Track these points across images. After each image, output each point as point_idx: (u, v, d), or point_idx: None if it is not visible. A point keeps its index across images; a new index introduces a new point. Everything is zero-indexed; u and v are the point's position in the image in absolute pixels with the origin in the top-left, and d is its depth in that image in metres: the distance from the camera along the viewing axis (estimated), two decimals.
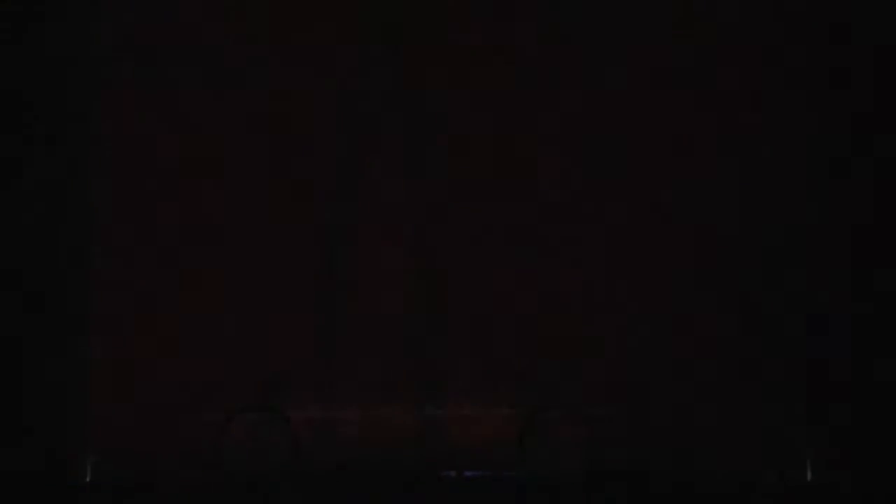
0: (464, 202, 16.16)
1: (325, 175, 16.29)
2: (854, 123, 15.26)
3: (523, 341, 15.57)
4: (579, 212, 16.16)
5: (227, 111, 16.33)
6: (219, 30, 16.49)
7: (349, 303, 16.20)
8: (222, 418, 15.02)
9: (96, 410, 16.96)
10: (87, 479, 16.45)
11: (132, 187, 16.84)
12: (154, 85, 16.97)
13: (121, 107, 16.89)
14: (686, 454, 15.61)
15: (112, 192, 16.77)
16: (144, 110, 16.70)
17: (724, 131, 15.98)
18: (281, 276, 16.22)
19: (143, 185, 16.85)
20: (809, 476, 14.80)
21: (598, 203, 16.13)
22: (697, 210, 15.95)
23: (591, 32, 16.29)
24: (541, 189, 16.22)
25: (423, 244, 16.08)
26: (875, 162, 15.09)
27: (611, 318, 15.75)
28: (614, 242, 16.06)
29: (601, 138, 16.21)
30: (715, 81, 16.05)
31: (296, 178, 16.26)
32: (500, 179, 16.21)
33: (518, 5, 16.44)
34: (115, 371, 17.08)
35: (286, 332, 15.97)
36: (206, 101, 16.40)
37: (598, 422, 14.70)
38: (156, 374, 17.14)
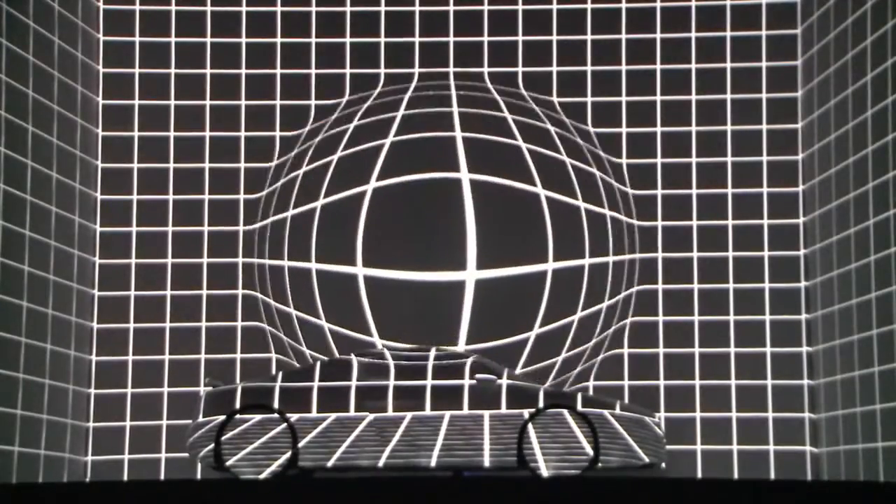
0: None
1: None
2: None
3: None
4: None
5: None
6: None
7: None
8: (221, 418, 15.00)
9: (96, 410, 17.02)
10: (87, 479, 16.47)
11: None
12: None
13: None
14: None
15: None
16: None
17: None
18: None
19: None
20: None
21: None
22: None
23: None
24: None
25: None
26: None
27: None
28: None
29: None
30: None
31: None
32: None
33: None
34: (114, 372, 17.14)
35: None
36: None
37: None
38: (154, 375, 17.21)
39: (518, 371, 16.44)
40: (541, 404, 14.91)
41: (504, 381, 15.10)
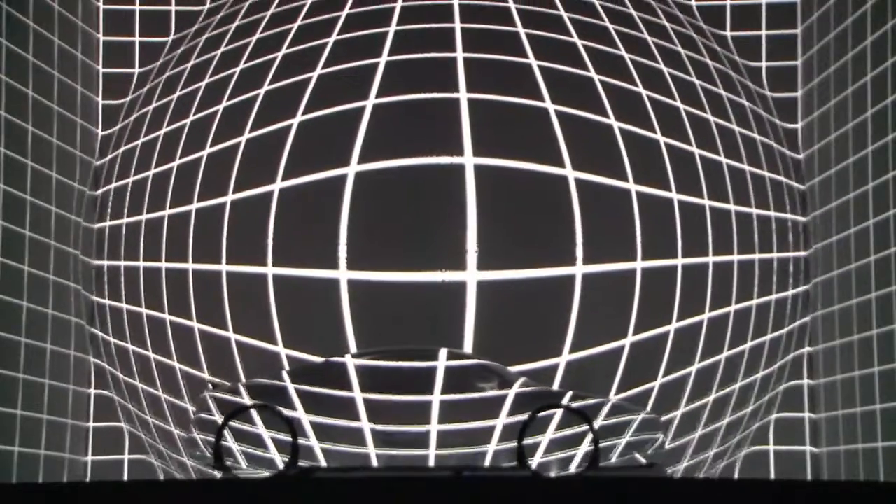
0: None
1: None
2: None
3: None
4: None
5: None
6: None
7: None
8: (221, 418, 14.97)
9: (96, 411, 17.01)
10: (87, 479, 16.46)
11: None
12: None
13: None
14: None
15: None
16: None
17: None
18: None
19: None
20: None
21: None
22: None
23: None
24: None
25: None
26: None
27: None
28: None
29: None
30: None
31: None
32: None
33: None
34: (114, 372, 17.12)
35: None
36: None
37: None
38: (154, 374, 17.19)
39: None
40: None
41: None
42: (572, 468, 14.70)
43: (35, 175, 15.84)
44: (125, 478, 16.75)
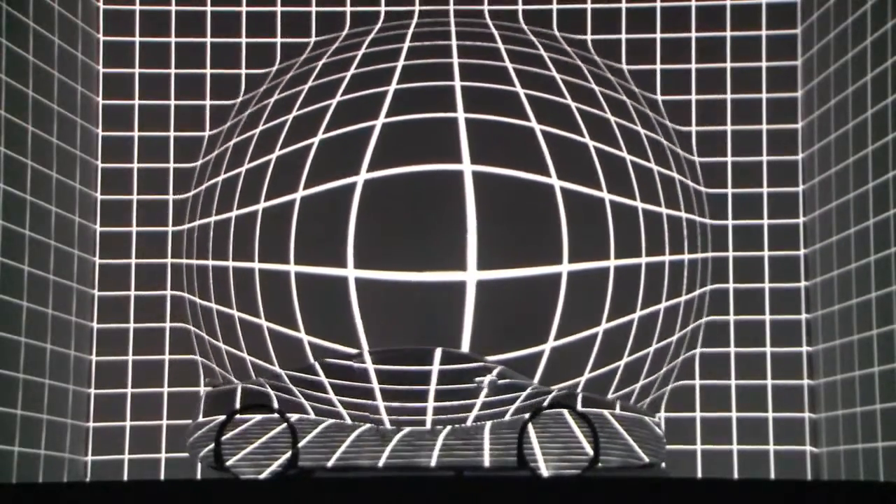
0: None
1: None
2: None
3: None
4: None
5: None
6: None
7: None
8: (221, 418, 14.99)
9: (96, 411, 17.02)
10: (87, 479, 16.47)
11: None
12: None
13: None
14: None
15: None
16: None
17: None
18: None
19: None
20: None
21: None
22: None
23: None
24: None
25: None
26: None
27: None
28: None
29: None
30: None
31: None
32: None
33: None
34: (114, 372, 17.13)
35: None
36: None
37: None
38: (154, 375, 17.21)
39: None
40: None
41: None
42: (572, 468, 14.71)
43: (35, 175, 15.85)
44: (125, 478, 16.76)
